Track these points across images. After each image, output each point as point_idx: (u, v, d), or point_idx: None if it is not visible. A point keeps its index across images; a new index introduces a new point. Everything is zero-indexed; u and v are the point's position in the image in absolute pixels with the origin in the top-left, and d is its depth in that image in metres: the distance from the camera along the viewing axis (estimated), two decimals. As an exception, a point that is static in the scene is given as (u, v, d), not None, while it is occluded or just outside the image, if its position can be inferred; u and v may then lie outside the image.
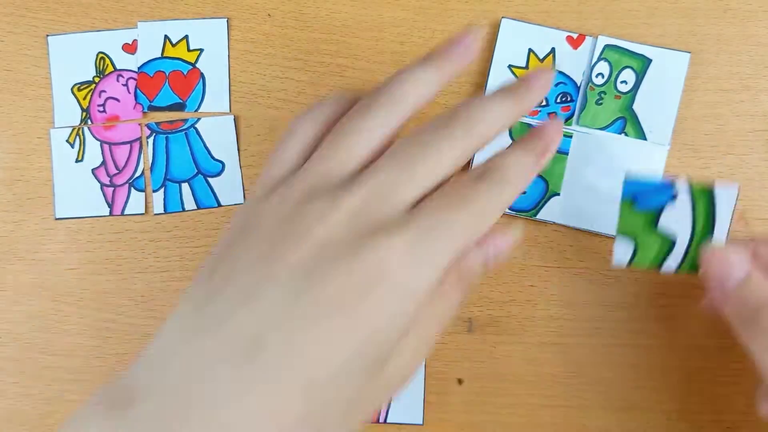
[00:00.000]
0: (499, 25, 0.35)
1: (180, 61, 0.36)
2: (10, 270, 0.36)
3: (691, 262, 0.30)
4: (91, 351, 0.35)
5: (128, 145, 0.36)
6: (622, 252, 0.31)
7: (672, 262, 0.30)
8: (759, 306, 0.26)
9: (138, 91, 0.36)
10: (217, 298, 0.22)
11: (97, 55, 0.36)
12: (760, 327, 0.26)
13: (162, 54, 0.36)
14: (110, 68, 0.36)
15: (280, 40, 0.36)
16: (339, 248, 0.22)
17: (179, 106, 0.36)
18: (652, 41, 0.34)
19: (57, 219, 0.36)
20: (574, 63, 0.34)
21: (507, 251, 0.26)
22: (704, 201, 0.30)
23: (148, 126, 0.36)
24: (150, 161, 0.36)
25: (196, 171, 0.35)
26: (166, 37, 0.36)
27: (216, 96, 0.36)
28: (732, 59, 0.34)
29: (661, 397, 0.34)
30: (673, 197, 0.30)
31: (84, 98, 0.36)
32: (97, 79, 0.36)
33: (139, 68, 0.36)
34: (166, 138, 0.36)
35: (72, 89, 0.36)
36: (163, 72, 0.36)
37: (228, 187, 0.35)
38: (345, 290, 0.21)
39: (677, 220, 0.30)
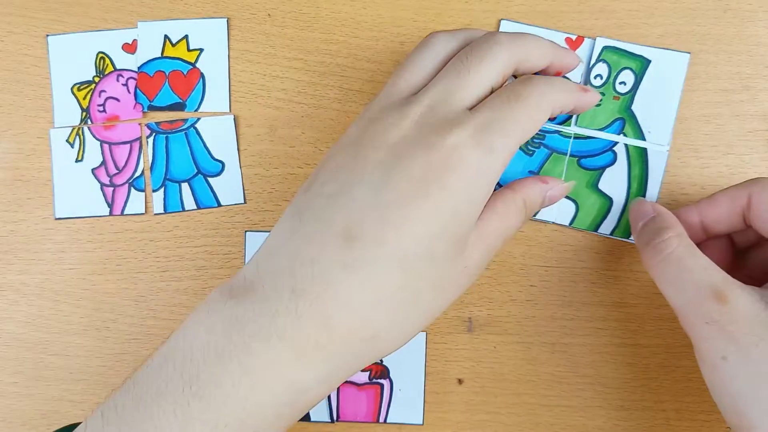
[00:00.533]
0: (498, 27, 0.35)
1: (180, 61, 0.36)
2: (10, 270, 0.36)
3: (626, 226, 0.34)
4: (91, 351, 0.35)
5: (128, 145, 0.36)
6: (564, 212, 0.34)
7: (608, 225, 0.34)
8: (658, 230, 0.29)
9: (138, 90, 0.36)
10: (314, 201, 0.26)
11: (97, 55, 0.36)
12: (659, 250, 0.28)
13: (162, 54, 0.36)
14: (110, 68, 0.36)
15: (280, 40, 0.36)
16: (413, 144, 0.25)
17: (179, 106, 0.36)
18: (652, 41, 0.34)
19: (57, 219, 0.36)
20: None
21: (560, 195, 0.31)
22: (639, 165, 0.33)
23: (148, 126, 0.36)
24: (150, 161, 0.36)
25: (195, 171, 0.35)
26: (166, 36, 0.36)
27: (216, 96, 0.36)
28: (732, 59, 0.34)
29: (661, 397, 0.34)
30: (614, 159, 0.34)
31: (84, 98, 0.36)
32: (97, 79, 0.36)
33: (139, 68, 0.36)
34: (166, 138, 0.36)
35: (72, 89, 0.36)
36: (163, 72, 0.36)
37: (228, 187, 0.35)
38: (425, 175, 0.25)
39: (615, 182, 0.34)
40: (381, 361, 0.34)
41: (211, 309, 0.25)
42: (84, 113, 0.36)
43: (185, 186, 0.35)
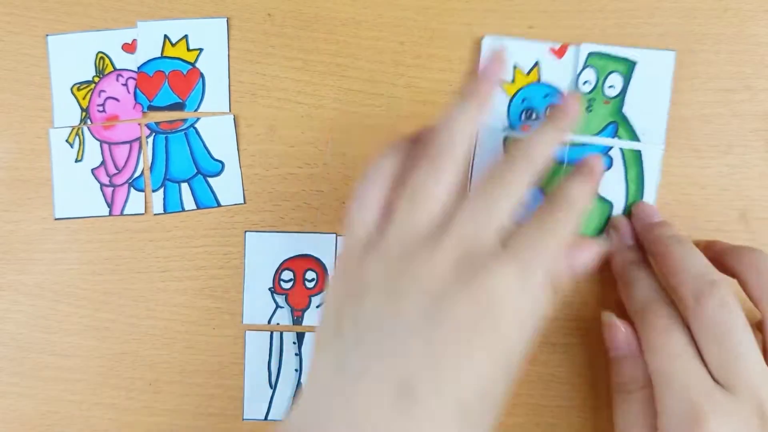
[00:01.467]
0: (481, 45, 0.34)
1: (179, 61, 0.36)
2: (10, 270, 0.36)
3: None
4: (90, 351, 0.35)
5: (128, 145, 0.36)
6: None
7: None
8: (625, 382, 0.30)
9: (137, 90, 0.36)
10: (352, 355, 0.24)
11: (97, 55, 0.36)
12: (625, 402, 0.30)
13: (161, 54, 0.36)
14: (110, 68, 0.36)
15: (280, 40, 0.35)
16: (456, 290, 0.24)
17: (179, 106, 0.36)
18: (653, 41, 0.34)
19: (56, 219, 0.36)
20: (560, 73, 0.34)
21: (590, 262, 0.29)
22: (635, 167, 0.33)
23: (148, 126, 0.36)
24: (149, 161, 0.36)
25: (195, 171, 0.35)
26: (165, 36, 0.36)
27: (215, 95, 0.36)
28: (732, 59, 0.34)
29: (661, 397, 0.34)
30: (610, 163, 0.33)
31: (83, 98, 0.36)
32: (96, 79, 0.36)
33: (138, 68, 0.36)
34: (166, 138, 0.36)
35: (71, 89, 0.36)
36: (162, 72, 0.36)
37: (228, 187, 0.35)
38: (475, 322, 0.24)
39: (614, 186, 0.33)
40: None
41: None
42: (83, 113, 0.36)
43: (185, 186, 0.35)
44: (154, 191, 0.35)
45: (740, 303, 0.28)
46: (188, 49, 0.36)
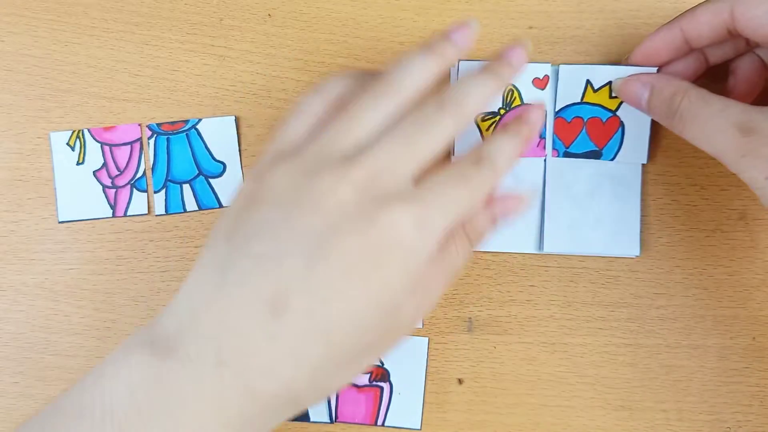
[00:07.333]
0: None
1: (180, 62, 0.36)
2: (10, 270, 0.36)
3: None
4: (91, 351, 0.35)
5: (129, 146, 0.36)
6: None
7: None
8: (663, 101, 0.30)
9: (138, 91, 0.36)
10: (238, 262, 0.24)
11: (97, 56, 0.36)
12: (677, 114, 0.29)
13: (162, 54, 0.36)
14: (110, 68, 0.36)
15: (281, 40, 0.36)
16: (352, 218, 0.24)
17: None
18: (652, 41, 0.34)
19: (61, 222, 0.36)
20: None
21: (514, 211, 0.29)
22: None
23: (149, 127, 0.36)
24: (151, 162, 0.36)
25: (197, 172, 0.35)
26: (166, 37, 0.36)
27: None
28: (732, 59, 0.34)
29: (661, 397, 0.34)
30: None
31: (84, 98, 0.36)
32: (97, 80, 0.36)
33: (139, 68, 0.36)
34: (167, 139, 0.36)
35: (72, 89, 0.36)
36: (163, 72, 0.36)
37: (229, 188, 0.35)
38: (361, 252, 0.24)
39: None
40: (382, 363, 0.34)
41: (131, 364, 0.24)
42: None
43: (186, 187, 0.35)
44: (155, 192, 0.35)
45: None
46: (189, 50, 0.36)
